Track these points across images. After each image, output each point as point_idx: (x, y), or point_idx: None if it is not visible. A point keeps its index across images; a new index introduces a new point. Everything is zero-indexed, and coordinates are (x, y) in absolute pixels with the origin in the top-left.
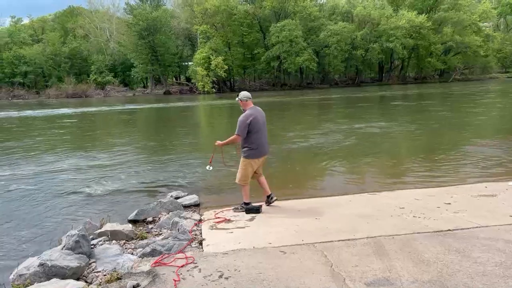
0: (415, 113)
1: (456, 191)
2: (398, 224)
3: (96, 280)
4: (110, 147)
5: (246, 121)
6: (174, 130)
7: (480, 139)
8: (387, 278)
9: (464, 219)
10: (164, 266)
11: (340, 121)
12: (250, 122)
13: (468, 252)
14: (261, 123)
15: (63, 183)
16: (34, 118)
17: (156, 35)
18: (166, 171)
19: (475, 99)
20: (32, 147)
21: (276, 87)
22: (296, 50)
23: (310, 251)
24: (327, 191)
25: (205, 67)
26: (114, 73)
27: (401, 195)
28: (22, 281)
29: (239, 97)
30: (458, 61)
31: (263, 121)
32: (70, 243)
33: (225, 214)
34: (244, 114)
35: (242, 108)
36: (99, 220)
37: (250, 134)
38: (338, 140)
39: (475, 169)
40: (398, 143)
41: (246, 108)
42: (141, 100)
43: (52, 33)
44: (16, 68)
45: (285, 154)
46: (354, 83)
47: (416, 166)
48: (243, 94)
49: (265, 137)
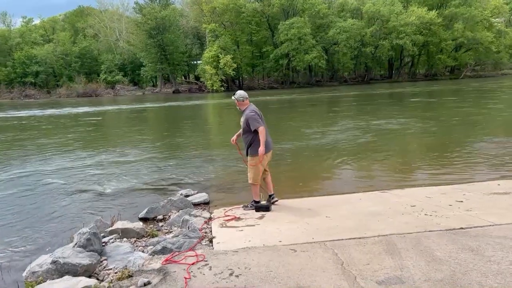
0: (431, 110)
1: (468, 188)
2: (410, 222)
3: (107, 278)
4: (120, 145)
5: (257, 112)
6: (183, 128)
7: (493, 136)
8: (399, 277)
9: (477, 217)
10: (174, 263)
11: (357, 118)
12: (260, 115)
13: (482, 251)
14: (263, 120)
15: (75, 181)
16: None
17: (165, 34)
18: (176, 169)
19: (492, 95)
20: (51, 145)
21: (285, 85)
22: (305, 48)
23: (320, 249)
24: (338, 189)
25: (213, 65)
26: (123, 72)
27: (412, 193)
28: (35, 278)
29: (236, 97)
30: (469, 57)
31: (263, 118)
32: (82, 241)
33: (235, 212)
34: (249, 109)
35: (239, 108)
36: (110, 218)
37: (256, 132)
38: (353, 137)
39: (488, 167)
40: (411, 140)
41: (243, 107)
42: (151, 99)
43: (63, 33)
44: (27, 68)
45: (299, 151)
46: (364, 81)
47: (428, 163)
48: (240, 93)
49: (268, 133)
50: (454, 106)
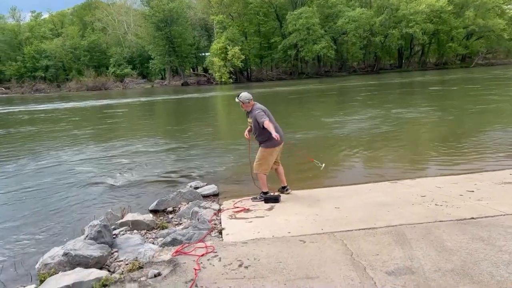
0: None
1: (479, 178)
2: (420, 213)
3: (118, 269)
4: (129, 137)
5: (263, 109)
6: (192, 120)
7: (503, 125)
8: (409, 267)
9: (488, 207)
10: (184, 255)
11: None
12: (265, 111)
13: (493, 241)
14: (271, 115)
15: (84, 174)
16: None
17: (172, 26)
18: (185, 161)
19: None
20: (64, 138)
21: (294, 76)
22: (313, 38)
23: (330, 240)
24: (348, 180)
25: (222, 57)
26: (132, 65)
27: (423, 183)
28: (47, 270)
29: (241, 99)
30: (481, 45)
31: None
32: (93, 233)
33: (244, 204)
34: (256, 109)
35: (244, 109)
36: (120, 210)
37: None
38: (370, 126)
39: (499, 156)
40: (426, 129)
41: (249, 108)
42: (160, 91)
43: (71, 27)
44: (37, 62)
45: (312, 140)
46: (373, 70)
47: (439, 153)
48: (244, 95)
49: (278, 127)
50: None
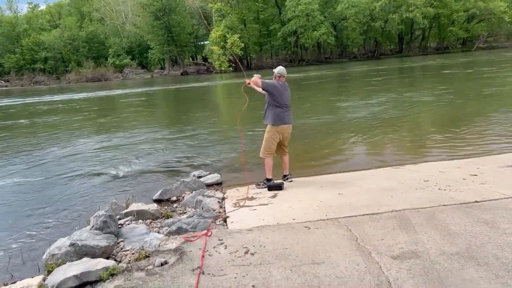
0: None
1: (482, 162)
2: (423, 197)
3: (125, 259)
4: (131, 128)
5: (275, 84)
6: (194, 110)
7: (506, 108)
8: (414, 251)
9: (491, 190)
10: (190, 243)
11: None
12: (275, 89)
13: (497, 224)
14: (284, 97)
15: (88, 165)
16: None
17: (171, 15)
18: (188, 151)
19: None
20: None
21: (294, 63)
22: (313, 24)
23: (334, 226)
24: (351, 166)
25: (221, 45)
26: (131, 55)
27: (426, 167)
28: (55, 261)
29: (274, 71)
30: (482, 28)
31: (286, 97)
32: (98, 223)
33: (248, 192)
34: (272, 80)
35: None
36: (124, 200)
37: (272, 104)
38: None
39: (502, 139)
40: (421, 115)
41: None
42: (160, 81)
43: (69, 17)
44: (36, 54)
45: (318, 126)
46: (374, 56)
47: (441, 137)
48: (277, 68)
49: (288, 112)
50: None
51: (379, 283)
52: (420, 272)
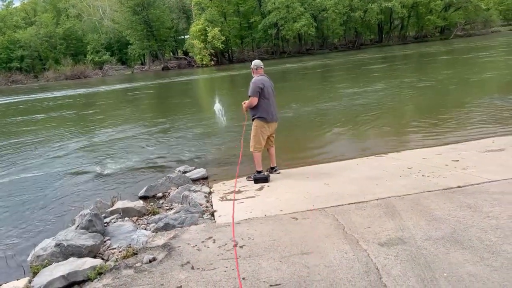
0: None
1: (463, 147)
2: (408, 184)
3: (112, 257)
4: (114, 124)
5: (259, 85)
6: (176, 105)
7: (484, 94)
8: (400, 237)
9: (473, 175)
10: (178, 239)
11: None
12: (263, 87)
13: (480, 207)
14: (269, 92)
15: (71, 163)
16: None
17: (150, 10)
18: (172, 146)
19: (483, 55)
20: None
21: (275, 55)
22: (293, 16)
23: (321, 216)
24: (334, 156)
25: (201, 39)
26: (110, 51)
27: (409, 155)
28: (40, 262)
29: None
30: (459, 16)
31: (271, 90)
32: (84, 223)
33: (235, 185)
34: (254, 78)
35: (253, 75)
36: (110, 198)
37: (261, 100)
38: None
39: (482, 125)
40: (403, 103)
41: (254, 75)
42: (141, 77)
43: (45, 14)
44: (12, 53)
45: (303, 118)
46: (354, 47)
47: (422, 125)
48: (253, 62)
49: (273, 105)
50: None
51: (367, 270)
52: (407, 257)
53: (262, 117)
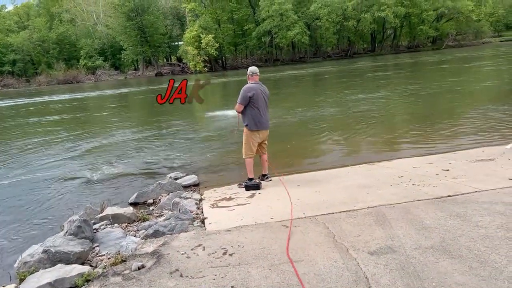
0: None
1: (453, 157)
2: (398, 193)
3: (101, 264)
4: (104, 130)
5: (248, 93)
6: (168, 112)
7: (475, 104)
8: (390, 246)
9: (463, 184)
10: (168, 246)
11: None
12: (252, 95)
13: (469, 217)
14: (261, 100)
15: (61, 169)
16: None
17: (144, 16)
18: (164, 152)
19: (473, 65)
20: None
21: (269, 63)
22: (287, 24)
23: (312, 224)
24: (326, 164)
25: (195, 46)
26: (104, 56)
27: (399, 164)
28: (27, 268)
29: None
30: (451, 27)
31: (264, 98)
32: (72, 229)
33: (225, 192)
34: (246, 85)
35: (248, 81)
36: (99, 204)
37: (250, 108)
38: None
39: (472, 134)
40: (395, 112)
41: (249, 81)
42: (134, 83)
43: (38, 18)
44: (4, 57)
45: (295, 126)
46: (347, 55)
47: (414, 134)
48: (249, 69)
49: (265, 113)
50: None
51: (357, 279)
52: (396, 266)
53: (249, 126)
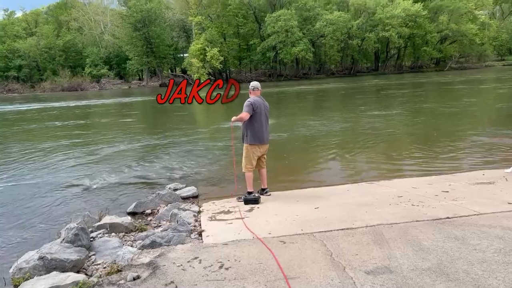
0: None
1: (454, 179)
2: (397, 213)
3: (96, 273)
4: (108, 139)
5: (251, 105)
6: (172, 122)
7: (478, 127)
8: (387, 266)
9: (462, 207)
10: (164, 257)
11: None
12: (255, 109)
13: (467, 239)
14: (262, 114)
15: (63, 176)
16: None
17: (150, 27)
18: (164, 163)
19: (474, 88)
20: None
21: (272, 78)
22: (292, 40)
23: (309, 241)
24: (327, 181)
25: (200, 58)
26: (109, 65)
27: (399, 183)
28: (22, 275)
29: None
30: (454, 49)
31: (265, 112)
32: (70, 236)
33: (224, 205)
34: (249, 99)
35: (250, 96)
36: (97, 213)
37: (252, 122)
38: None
39: (473, 157)
40: (397, 132)
41: (251, 96)
42: (138, 92)
43: (46, 26)
44: (10, 62)
45: (297, 142)
46: (350, 73)
47: (415, 154)
48: (251, 83)
49: (266, 128)
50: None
51: None
52: (393, 287)
53: (250, 140)
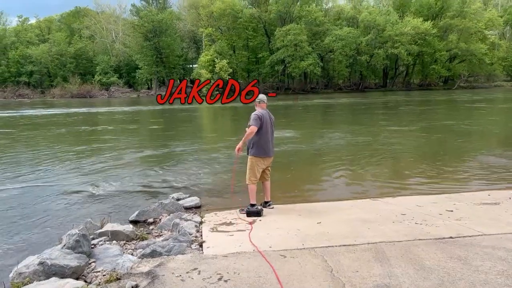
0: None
1: (458, 198)
2: (400, 230)
3: (95, 280)
4: (113, 147)
5: (258, 118)
6: (178, 132)
7: (485, 147)
8: (387, 285)
9: (466, 227)
10: (163, 267)
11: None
12: (263, 122)
13: (470, 260)
14: (268, 126)
15: (67, 182)
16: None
17: (161, 37)
18: (168, 172)
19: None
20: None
21: (280, 91)
22: (300, 55)
23: (310, 256)
24: (330, 196)
25: (209, 70)
26: (119, 74)
27: (403, 201)
28: (22, 279)
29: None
30: (463, 68)
31: (270, 125)
32: (71, 242)
33: (226, 217)
34: (255, 112)
35: (256, 108)
36: (100, 220)
37: (258, 135)
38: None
39: (479, 177)
40: (403, 149)
41: (257, 108)
42: (147, 101)
43: (58, 33)
44: (22, 67)
45: (301, 155)
46: (358, 89)
47: (421, 172)
48: (259, 96)
49: (271, 140)
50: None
51: None
52: None
53: (256, 153)
